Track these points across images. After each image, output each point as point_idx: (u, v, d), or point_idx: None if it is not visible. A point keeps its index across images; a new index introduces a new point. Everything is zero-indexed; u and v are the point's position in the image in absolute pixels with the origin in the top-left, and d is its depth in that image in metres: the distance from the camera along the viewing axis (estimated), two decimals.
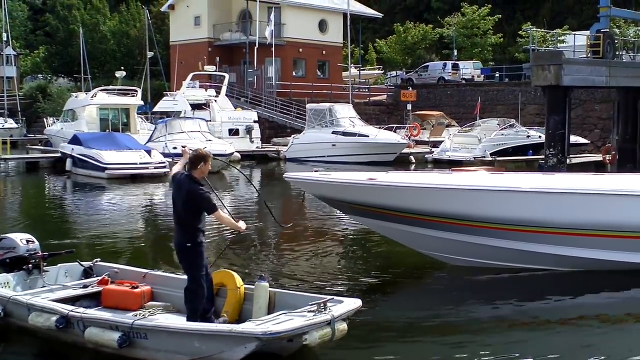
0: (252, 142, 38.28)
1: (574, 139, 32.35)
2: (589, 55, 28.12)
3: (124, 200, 22.07)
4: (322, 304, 6.86)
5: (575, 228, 10.61)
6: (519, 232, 10.72)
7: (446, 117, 43.31)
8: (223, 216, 7.58)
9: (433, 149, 36.44)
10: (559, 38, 39.42)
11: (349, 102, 41.71)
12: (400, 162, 33.84)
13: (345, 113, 37.21)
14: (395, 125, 41.19)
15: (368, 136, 35.18)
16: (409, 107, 43.12)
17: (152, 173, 27.55)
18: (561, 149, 25.93)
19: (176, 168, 7.97)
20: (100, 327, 7.23)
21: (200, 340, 6.80)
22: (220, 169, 30.45)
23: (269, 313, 7.39)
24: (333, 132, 35.76)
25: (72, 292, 8.41)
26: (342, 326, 6.92)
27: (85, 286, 8.61)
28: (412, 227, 11.03)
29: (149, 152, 28.54)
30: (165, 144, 30.07)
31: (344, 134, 35.55)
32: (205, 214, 7.48)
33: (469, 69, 52.62)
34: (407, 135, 38.14)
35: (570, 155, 28.43)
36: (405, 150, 35.58)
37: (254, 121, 39.10)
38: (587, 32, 29.81)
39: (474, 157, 32.24)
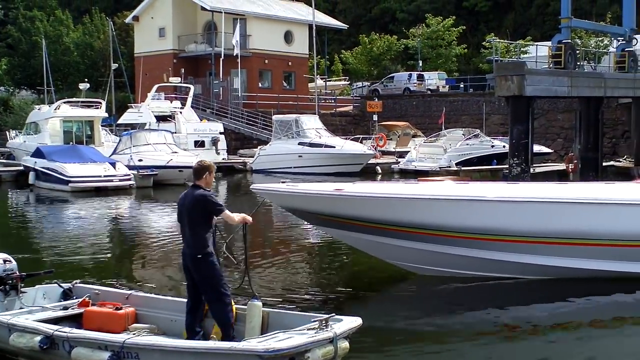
0: (218, 153, 38.08)
1: (537, 148, 32.77)
2: (551, 65, 28.56)
3: (90, 214, 21.76)
4: (323, 322, 6.65)
5: (540, 236, 10.74)
6: (485, 241, 10.81)
7: (412, 128, 43.58)
8: (231, 215, 7.47)
9: (399, 160, 36.64)
10: (521, 49, 39.93)
11: (315, 113, 41.69)
12: (367, 173, 33.97)
13: (311, 124, 37.25)
14: (361, 136, 41.36)
15: (334, 147, 35.24)
16: (375, 117, 43.33)
17: (116, 186, 27.25)
18: (525, 158, 26.26)
19: None
20: (89, 347, 6.92)
21: None
22: (185, 181, 30.25)
23: (262, 333, 7.13)
24: (299, 143, 35.76)
25: (53, 314, 8.04)
26: (345, 344, 6.70)
27: (65, 308, 8.27)
28: (380, 237, 11.06)
29: (113, 164, 28.24)
30: (130, 156, 29.77)
31: (311, 145, 35.57)
32: (215, 217, 7.38)
33: (434, 79, 53.06)
34: (373, 146, 38.29)
35: (534, 165, 28.81)
36: (372, 161, 35.70)
37: (220, 133, 38.93)
38: (549, 43, 30.29)
39: (440, 167, 32.48)
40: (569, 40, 29.08)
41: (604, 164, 31.90)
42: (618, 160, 36.00)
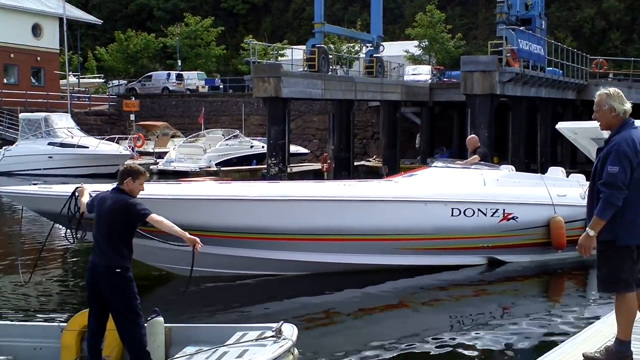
0: None
1: (294, 148, 33.85)
2: (306, 69, 29.63)
3: None
4: (279, 330, 6.02)
5: (299, 233, 11.04)
6: (247, 240, 10.89)
7: (171, 128, 43.04)
8: (160, 219, 6.48)
9: (158, 160, 35.94)
10: (278, 52, 40.99)
11: (67, 112, 39.68)
12: None
13: (62, 123, 35.43)
14: (118, 136, 40.02)
15: (88, 147, 33.79)
16: (133, 117, 42.14)
17: None
18: (282, 158, 26.99)
19: (85, 199, 7.06)
20: None
21: None
22: None
23: (166, 351, 6.40)
24: (49, 144, 33.85)
25: None
26: (297, 352, 6.14)
27: None
28: (142, 239, 10.64)
29: None
30: None
31: (62, 145, 33.81)
32: (138, 225, 6.50)
33: (194, 79, 52.82)
34: (130, 147, 37.19)
35: (291, 165, 29.68)
36: (129, 162, 34.68)
37: None
38: (305, 47, 31.41)
39: (200, 168, 32.35)
40: (323, 45, 30.35)
41: (356, 163, 33.74)
42: (368, 160, 38.27)
